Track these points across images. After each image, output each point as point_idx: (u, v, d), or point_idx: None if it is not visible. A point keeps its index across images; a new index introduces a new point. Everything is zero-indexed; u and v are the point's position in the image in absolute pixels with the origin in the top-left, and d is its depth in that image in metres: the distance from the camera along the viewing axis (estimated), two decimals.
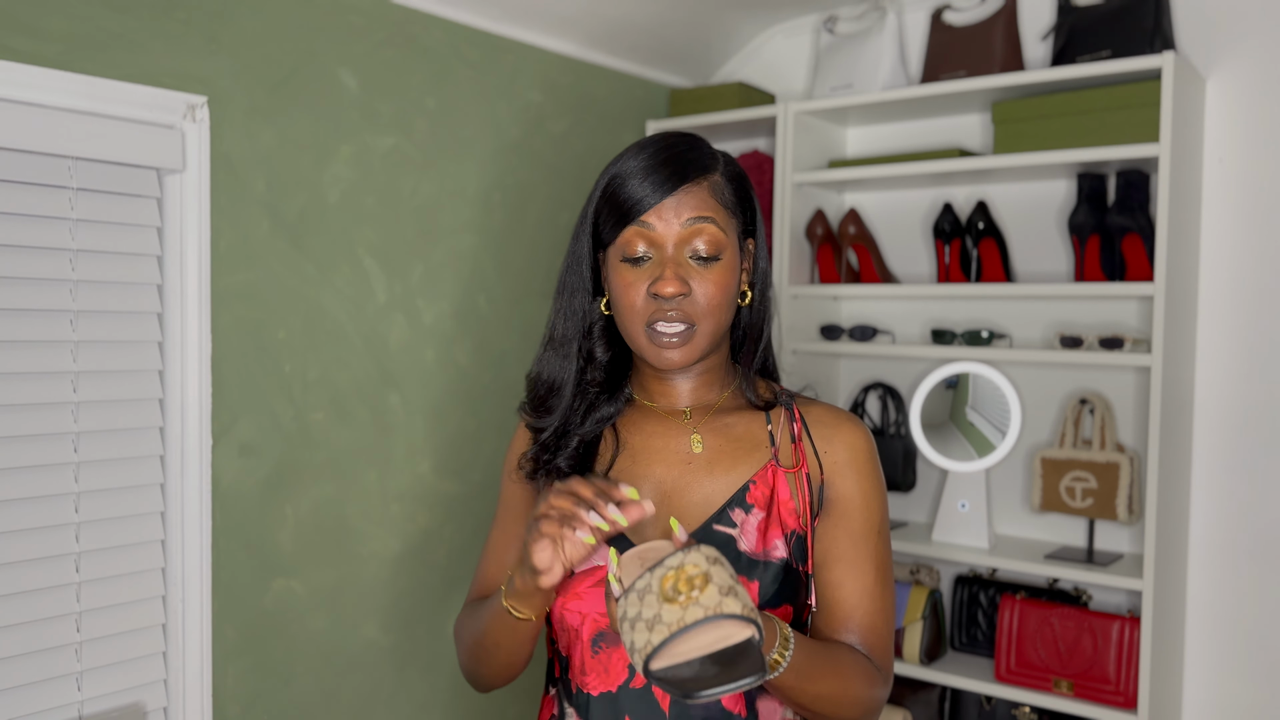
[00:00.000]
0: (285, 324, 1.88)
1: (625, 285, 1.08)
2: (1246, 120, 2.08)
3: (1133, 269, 2.06)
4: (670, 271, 1.06)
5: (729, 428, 1.15)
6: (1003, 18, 2.23)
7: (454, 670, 2.23)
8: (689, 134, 1.14)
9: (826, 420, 1.15)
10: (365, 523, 2.04)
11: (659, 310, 1.07)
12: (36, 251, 1.57)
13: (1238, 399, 2.10)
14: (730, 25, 2.61)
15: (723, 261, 1.08)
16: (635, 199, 1.07)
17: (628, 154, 1.10)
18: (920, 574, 2.32)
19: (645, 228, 1.07)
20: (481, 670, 1.17)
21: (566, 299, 1.15)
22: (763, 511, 1.10)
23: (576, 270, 1.15)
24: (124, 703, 1.69)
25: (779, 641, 0.98)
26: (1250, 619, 2.10)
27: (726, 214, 1.10)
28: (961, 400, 2.24)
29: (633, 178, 1.08)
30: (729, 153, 1.19)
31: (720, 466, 1.12)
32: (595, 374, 1.16)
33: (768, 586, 1.07)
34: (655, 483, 1.13)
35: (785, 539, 1.09)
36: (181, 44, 1.70)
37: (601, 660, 1.09)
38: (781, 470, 1.12)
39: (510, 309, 2.32)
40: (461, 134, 2.18)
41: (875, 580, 1.12)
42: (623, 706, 1.07)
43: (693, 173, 1.08)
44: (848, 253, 2.45)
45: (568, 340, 1.15)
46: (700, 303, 1.07)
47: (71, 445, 1.62)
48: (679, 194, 1.07)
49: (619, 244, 1.09)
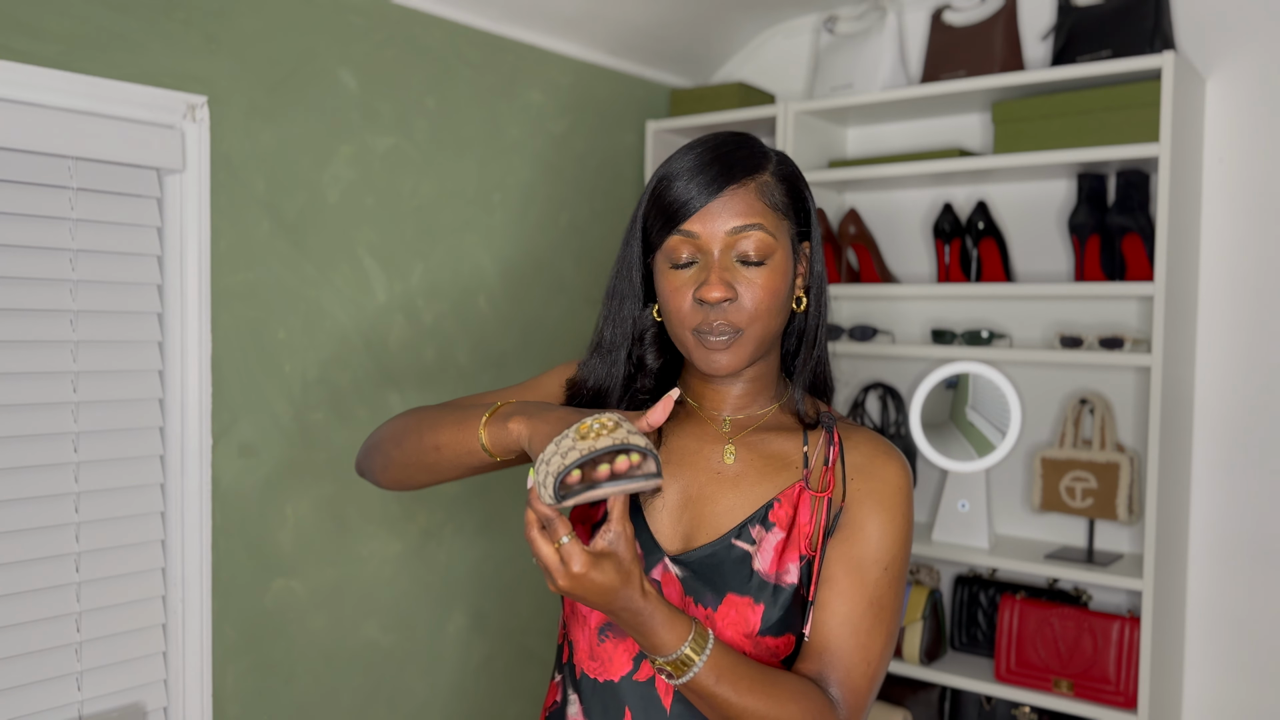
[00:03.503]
0: (285, 324, 1.88)
1: (672, 290, 1.06)
2: (1246, 120, 2.08)
3: (1133, 269, 2.06)
4: (715, 276, 1.02)
5: (765, 443, 1.12)
6: (1003, 18, 2.23)
7: (454, 670, 2.23)
8: (739, 133, 1.10)
9: (864, 449, 1.10)
10: (365, 523, 2.04)
11: (705, 319, 1.04)
12: (36, 251, 1.57)
13: (1238, 399, 2.10)
14: (730, 25, 2.61)
15: (772, 265, 1.04)
16: (680, 203, 1.04)
17: (676, 155, 1.07)
18: (920, 574, 2.32)
19: (689, 236, 1.04)
20: (394, 453, 1.16)
21: (616, 305, 1.13)
22: (783, 532, 1.07)
23: (626, 276, 1.12)
24: (124, 703, 1.69)
25: (693, 637, 0.95)
26: (1250, 619, 2.10)
27: (776, 216, 1.06)
28: (961, 400, 2.24)
29: (678, 180, 1.05)
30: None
31: (748, 480, 1.10)
32: (646, 381, 1.14)
33: (774, 612, 1.04)
34: (682, 487, 1.11)
35: (799, 563, 1.06)
36: (181, 44, 1.70)
37: (607, 649, 1.09)
38: (809, 493, 1.08)
39: (510, 309, 2.32)
40: (461, 134, 2.18)
41: (866, 617, 1.04)
42: (623, 697, 1.07)
43: (739, 174, 1.04)
44: (848, 253, 2.45)
45: (616, 347, 1.13)
46: (748, 307, 1.03)
47: (71, 445, 1.62)
48: (724, 196, 1.03)
49: (665, 249, 1.06)
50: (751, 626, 1.04)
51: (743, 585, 1.05)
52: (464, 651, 2.25)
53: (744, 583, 1.05)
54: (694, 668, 0.95)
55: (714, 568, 1.06)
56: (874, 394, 2.51)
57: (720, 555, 1.06)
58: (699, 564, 1.07)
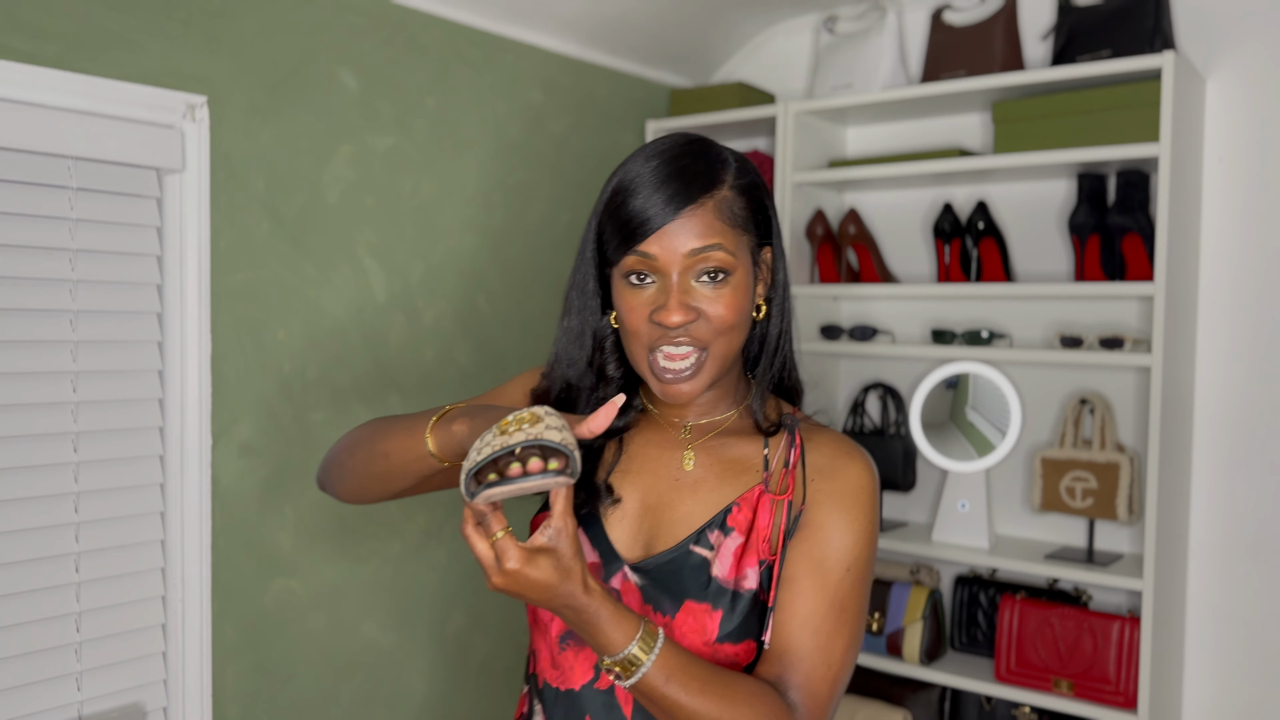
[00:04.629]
0: (285, 324, 1.88)
1: (629, 309, 1.03)
2: (1246, 120, 2.08)
3: (1133, 269, 2.06)
4: (674, 300, 1.00)
5: (725, 448, 1.10)
6: (1003, 17, 2.23)
7: (454, 670, 2.23)
8: (697, 139, 1.06)
9: (826, 450, 1.08)
10: (365, 523, 2.04)
11: (664, 335, 1.01)
12: (36, 251, 1.56)
13: (1238, 399, 2.10)
14: (730, 25, 2.61)
15: (733, 283, 1.02)
16: (637, 222, 1.00)
17: (632, 161, 1.04)
18: (920, 574, 2.32)
19: (646, 257, 1.01)
20: (347, 464, 1.14)
21: (573, 320, 1.10)
22: (742, 537, 1.04)
23: (582, 289, 1.09)
24: (124, 703, 1.69)
25: (640, 636, 0.93)
26: (1250, 619, 2.09)
27: (736, 233, 1.02)
28: (961, 400, 2.24)
29: (635, 196, 1.01)
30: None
31: (707, 486, 1.08)
32: (608, 390, 1.11)
33: (733, 618, 1.02)
34: (641, 494, 1.10)
35: (758, 567, 1.03)
36: (181, 44, 1.70)
37: (568, 657, 1.07)
38: (768, 496, 1.06)
39: (510, 309, 2.32)
40: (461, 134, 2.18)
41: (827, 619, 1.01)
42: (584, 706, 1.06)
43: (696, 191, 1.00)
44: (848, 253, 2.45)
45: (576, 357, 1.10)
46: (712, 324, 1.01)
47: (71, 445, 1.62)
48: (682, 218, 1.00)
49: (622, 267, 1.03)
50: (710, 634, 1.02)
51: (700, 592, 1.03)
52: (464, 651, 2.25)
53: (702, 589, 1.03)
54: (642, 667, 0.92)
55: (672, 575, 1.04)
56: (874, 394, 2.51)
57: (679, 562, 1.04)
58: (657, 571, 1.05)
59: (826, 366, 2.55)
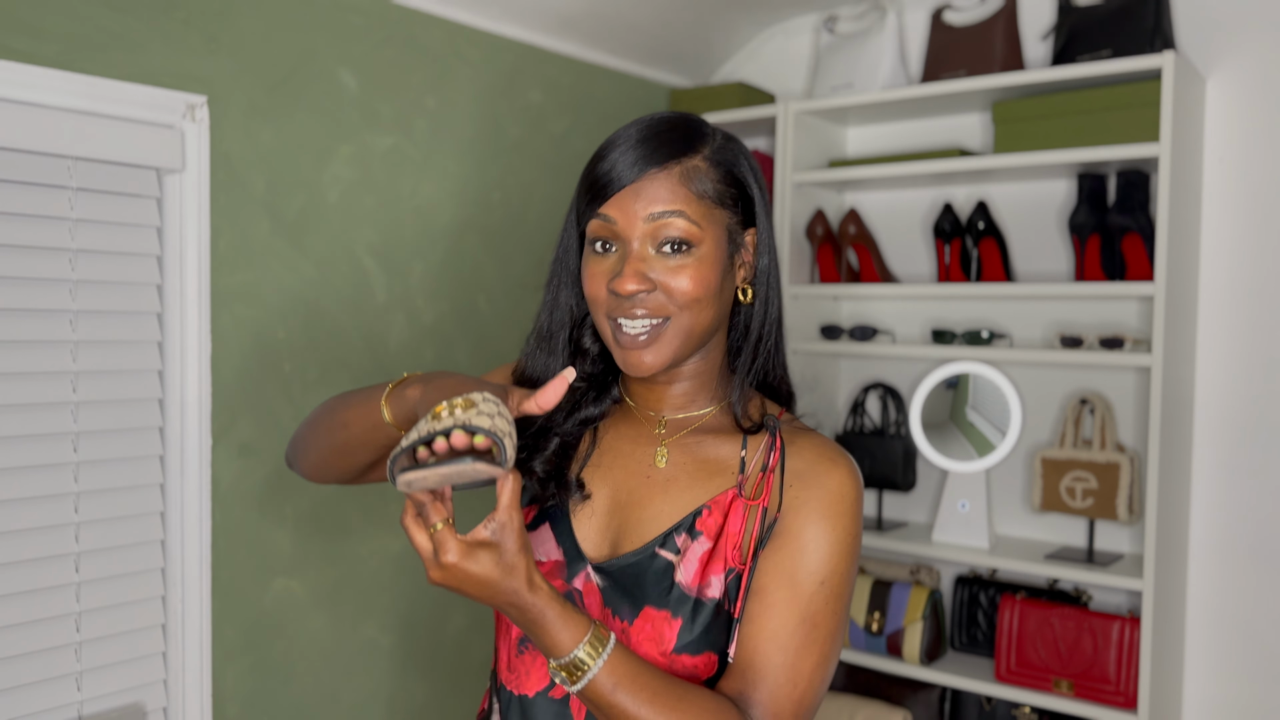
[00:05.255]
0: (285, 324, 1.88)
1: (589, 275, 1.00)
2: (1246, 120, 2.08)
3: (1133, 269, 2.06)
4: (630, 268, 0.96)
5: (701, 446, 1.04)
6: (1003, 17, 2.23)
7: (454, 670, 2.23)
8: (685, 114, 1.02)
9: (808, 454, 1.01)
10: (365, 523, 2.04)
11: (620, 305, 0.97)
12: (36, 251, 1.57)
13: (1238, 399, 2.10)
14: (730, 25, 2.61)
15: (698, 255, 0.97)
16: (603, 181, 0.97)
17: (620, 129, 1.01)
18: (920, 574, 2.32)
19: (606, 220, 0.97)
20: (309, 437, 1.11)
21: (554, 291, 1.07)
22: (710, 542, 0.99)
23: (564, 260, 1.06)
24: (124, 703, 1.69)
25: (589, 639, 0.89)
26: (1250, 619, 2.09)
27: (705, 205, 0.97)
28: (961, 400, 2.24)
29: (607, 156, 0.98)
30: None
31: (678, 486, 1.02)
32: (584, 367, 1.07)
33: (694, 628, 0.96)
34: (611, 490, 1.05)
35: (724, 576, 0.98)
36: (181, 44, 1.70)
37: (525, 661, 1.04)
38: (741, 501, 1.00)
39: (510, 309, 2.32)
40: (461, 134, 2.18)
41: (797, 634, 0.95)
42: (536, 714, 1.02)
43: (663, 156, 0.97)
44: (848, 253, 2.45)
45: (554, 334, 1.06)
46: (672, 297, 0.97)
47: (71, 445, 1.62)
48: (643, 181, 0.96)
49: (589, 232, 1.00)
50: (667, 643, 0.97)
51: (661, 598, 0.98)
52: (464, 651, 2.25)
53: (663, 595, 0.98)
54: (589, 672, 0.88)
55: (635, 578, 0.99)
56: (874, 394, 2.51)
57: (643, 565, 1.00)
58: (620, 573, 1.00)
59: (826, 366, 2.55)
